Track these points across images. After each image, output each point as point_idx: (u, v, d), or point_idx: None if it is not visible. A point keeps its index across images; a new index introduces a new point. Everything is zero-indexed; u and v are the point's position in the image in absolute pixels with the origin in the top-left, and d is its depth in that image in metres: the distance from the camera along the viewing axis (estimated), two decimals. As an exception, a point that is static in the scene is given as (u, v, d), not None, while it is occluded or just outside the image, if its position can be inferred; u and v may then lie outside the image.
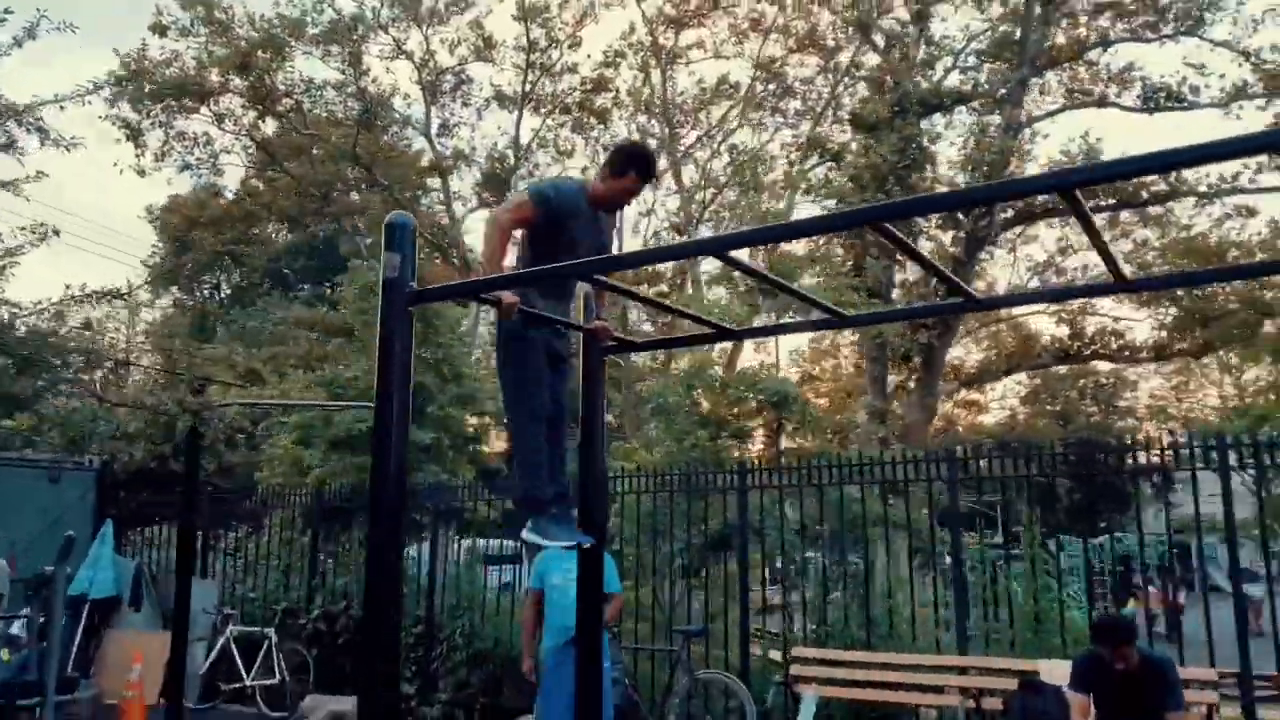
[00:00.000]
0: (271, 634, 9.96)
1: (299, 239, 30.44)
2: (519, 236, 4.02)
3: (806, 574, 8.94)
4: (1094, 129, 64.01)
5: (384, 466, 3.59)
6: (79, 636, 10.49)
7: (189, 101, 21.35)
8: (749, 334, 4.96)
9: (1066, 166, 13.87)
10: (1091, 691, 5.48)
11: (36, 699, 7.62)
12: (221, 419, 14.07)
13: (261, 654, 9.89)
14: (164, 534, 12.44)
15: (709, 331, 4.80)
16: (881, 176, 15.32)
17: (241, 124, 22.93)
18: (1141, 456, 6.94)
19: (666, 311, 5.39)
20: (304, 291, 31.39)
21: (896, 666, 7.06)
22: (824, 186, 18.09)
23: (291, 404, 11.99)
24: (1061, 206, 17.62)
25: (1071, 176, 2.92)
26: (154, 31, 20.26)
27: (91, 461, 12.11)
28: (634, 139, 20.18)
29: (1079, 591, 12.47)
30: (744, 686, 7.49)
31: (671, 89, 24.77)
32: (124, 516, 12.44)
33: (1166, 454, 6.71)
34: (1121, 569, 18.65)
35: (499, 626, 9.27)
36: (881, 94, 17.13)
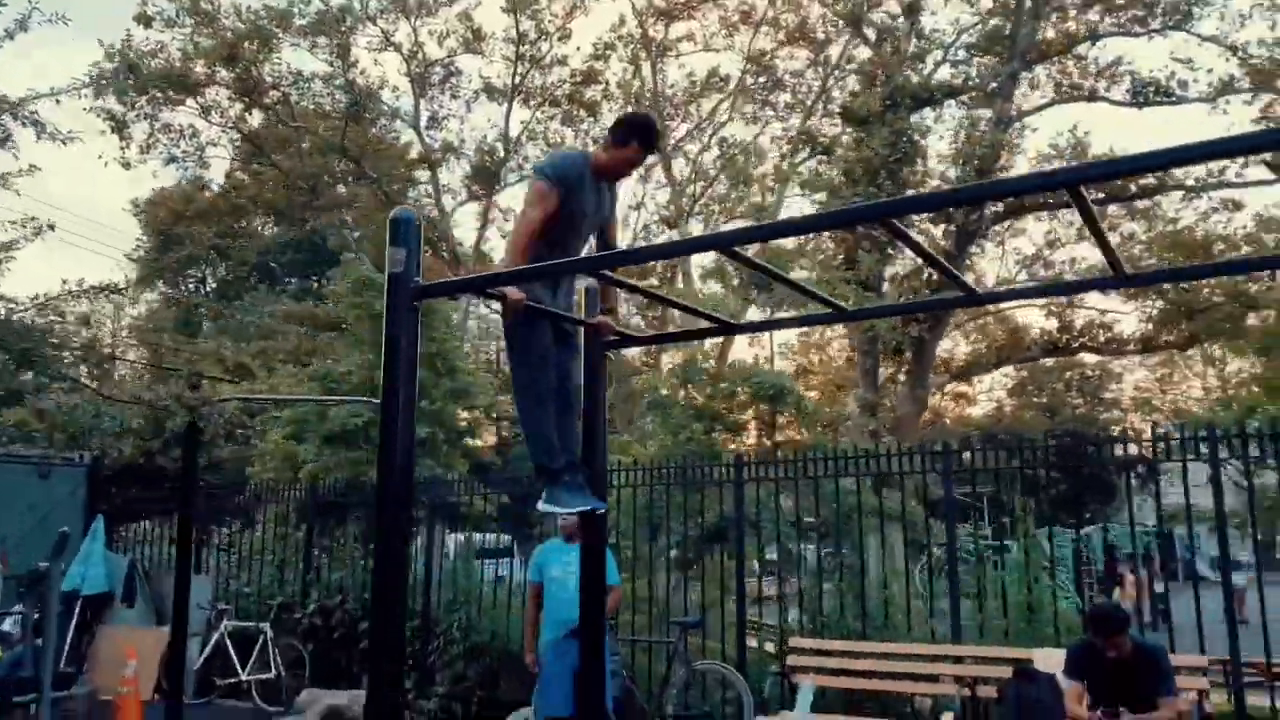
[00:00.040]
0: (267, 629, 9.95)
1: (286, 232, 30.27)
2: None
3: (802, 566, 8.99)
4: (1082, 122, 64.31)
5: (391, 460, 3.59)
6: (71, 633, 10.45)
7: (174, 93, 21.19)
8: (751, 328, 4.99)
9: (1073, 164, 13.98)
10: (1085, 679, 5.56)
11: (32, 695, 7.57)
12: (221, 414, 14.00)
13: (257, 649, 9.88)
14: (156, 530, 12.38)
15: (711, 326, 4.83)
16: (873, 170, 15.38)
17: (228, 116, 22.80)
18: (1134, 449, 7.03)
19: (672, 307, 5.43)
20: (291, 285, 31.26)
21: (892, 656, 7.12)
22: (815, 180, 18.15)
23: (290, 399, 11.92)
24: (1050, 200, 17.77)
25: (1080, 174, 2.97)
26: (139, 22, 20.12)
27: (82, 457, 12.04)
28: (639, 110, 20.03)
29: (1066, 581, 12.59)
30: (741, 677, 7.53)
31: (661, 81, 24.78)
32: (113, 512, 12.37)
33: (1159, 446, 6.79)
34: (1107, 559, 18.77)
35: (495, 620, 9.29)
36: (873, 88, 17.17)
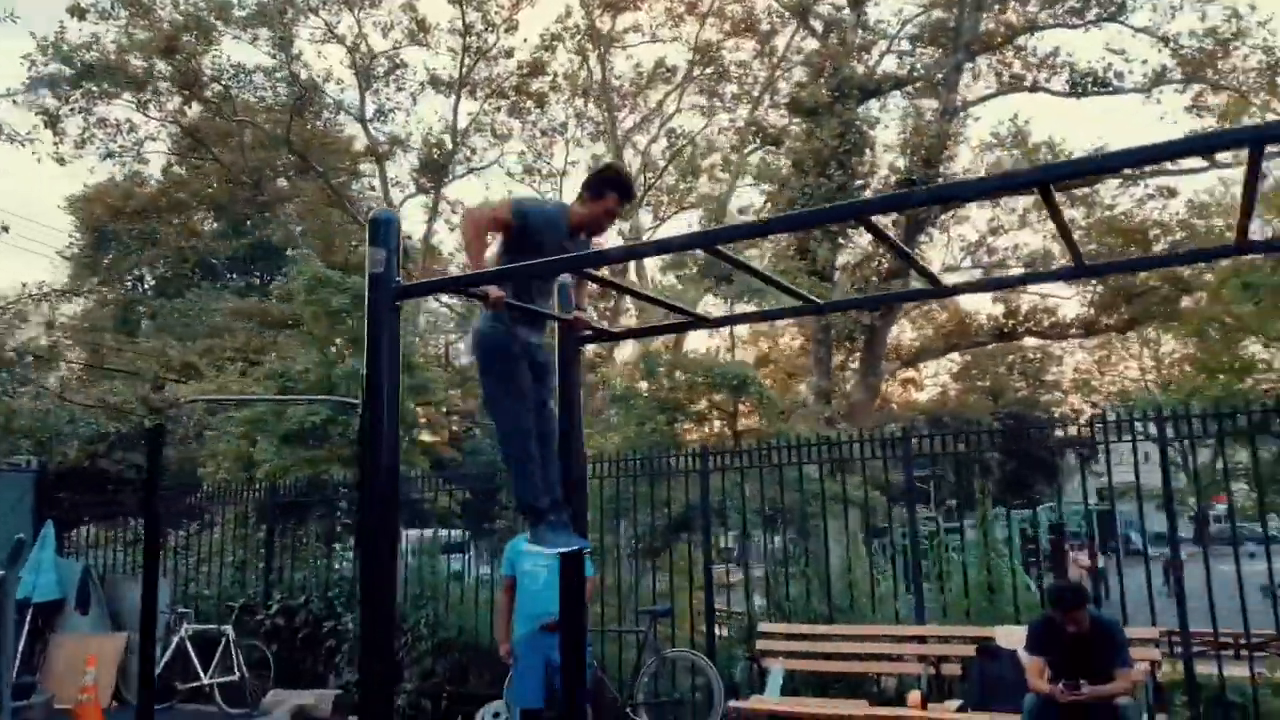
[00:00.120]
0: (229, 631, 9.83)
1: (228, 227, 29.63)
2: (496, 255, 3.98)
3: (767, 552, 9.15)
4: (1023, 111, 65.82)
5: (377, 459, 3.60)
6: (23, 641, 10.23)
7: (110, 87, 20.61)
8: (726, 321, 5.09)
9: (1042, 164, 14.26)
10: (1046, 654, 5.78)
11: (-9, 707, 7.44)
12: (190, 415, 13.72)
13: (219, 651, 9.75)
14: (107, 534, 12.13)
15: (684, 320, 4.93)
16: (823, 160, 15.59)
17: (166, 110, 22.25)
18: (1085, 430, 7.30)
19: (647, 301, 5.51)
20: (234, 281, 30.62)
21: (859, 638, 7.32)
22: (764, 170, 18.32)
23: (255, 399, 11.69)
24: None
25: (1050, 173, 3.11)
26: (72, 14, 19.51)
27: (29, 463, 11.74)
28: (610, 162, 20.00)
29: (1015, 561, 12.91)
30: (710, 663, 7.66)
31: (609, 72, 24.75)
32: (58, 517, 12.09)
33: (1110, 426, 7.05)
34: (1053, 538, 19.30)
35: (463, 615, 9.30)
36: (820, 79, 17.39)
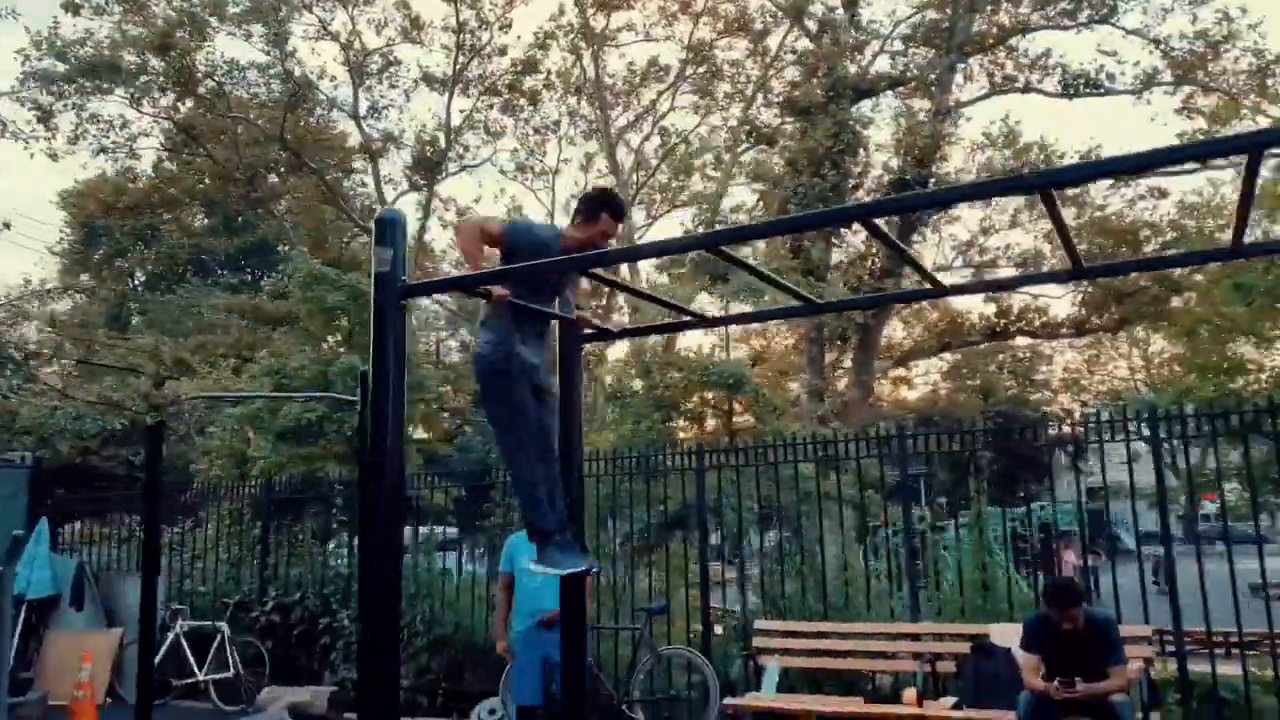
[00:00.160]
0: (224, 628, 9.83)
1: (218, 223, 29.53)
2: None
3: (761, 550, 9.20)
4: (1014, 111, 66.09)
5: (381, 459, 3.62)
6: (17, 638, 10.22)
7: (103, 83, 20.54)
8: (723, 321, 5.14)
9: (1046, 168, 14.33)
10: (1042, 651, 5.83)
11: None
12: (193, 412, 13.68)
13: (214, 648, 9.74)
14: (103, 531, 12.11)
15: (683, 319, 4.97)
16: (817, 160, 15.65)
17: (159, 106, 22.18)
18: (1080, 429, 7.37)
19: (650, 301, 5.57)
20: (224, 277, 30.54)
21: (854, 636, 7.37)
22: (758, 168, 18.38)
23: (261, 396, 11.63)
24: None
25: (1052, 177, 3.17)
26: (66, 10, 19.44)
27: (24, 459, 11.71)
28: (599, 185, 20.01)
29: (1005, 559, 13.01)
30: (706, 661, 7.70)
31: (602, 71, 24.76)
32: (52, 513, 12.06)
33: (1106, 426, 7.12)
34: (1043, 537, 19.43)
35: (459, 612, 9.33)
36: (814, 78, 17.44)
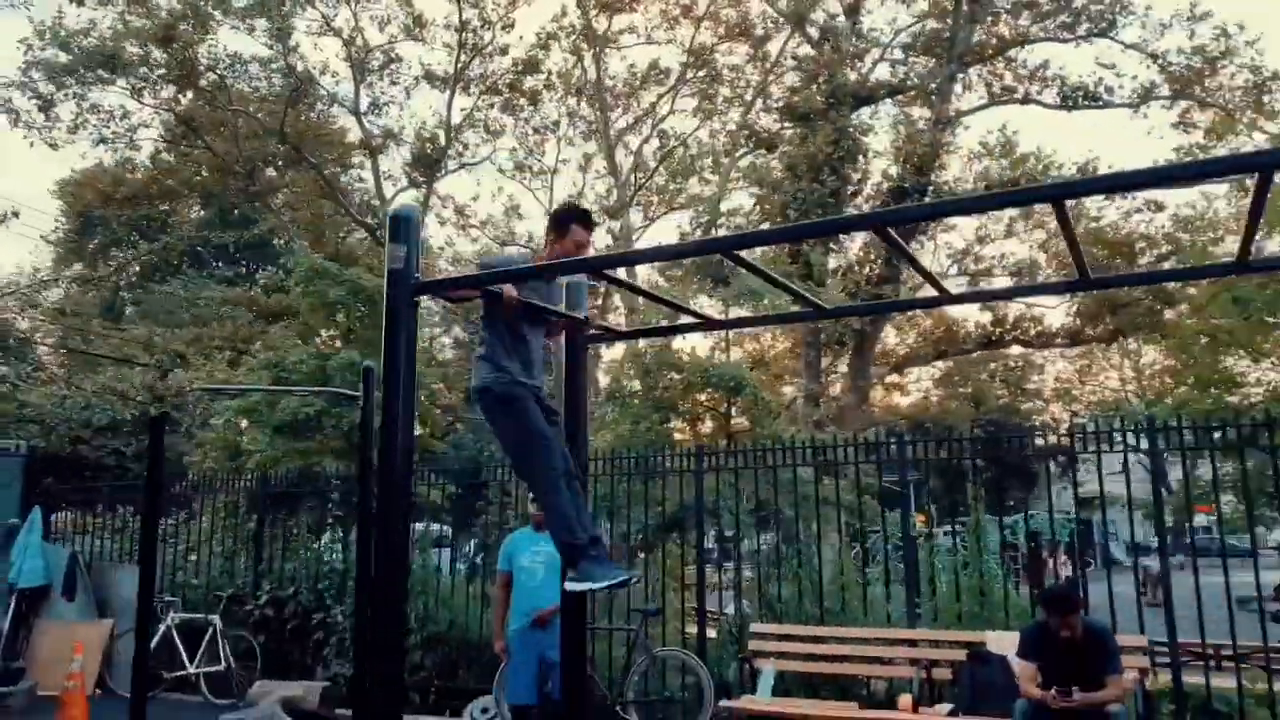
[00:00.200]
0: (216, 621, 9.80)
1: (214, 216, 29.45)
2: (479, 318, 4.21)
3: (756, 553, 9.23)
4: (1011, 121, 66.41)
5: (391, 456, 3.63)
6: (7, 626, 10.19)
7: (104, 73, 20.50)
8: (727, 324, 5.16)
9: (1060, 180, 14.45)
10: (1039, 659, 5.85)
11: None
12: (195, 403, 13.63)
13: (206, 641, 9.71)
14: (95, 521, 12.07)
15: (688, 321, 5.00)
16: (816, 166, 15.71)
17: (160, 98, 22.12)
18: (1079, 440, 7.41)
19: (656, 302, 5.60)
20: (219, 270, 30.45)
21: (851, 640, 7.39)
22: (758, 172, 18.43)
23: (264, 389, 11.58)
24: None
25: (1064, 189, 3.19)
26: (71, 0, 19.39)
27: (18, 447, 11.67)
28: (564, 201, 20.05)
29: (996, 567, 13.07)
30: (701, 663, 7.71)
31: (603, 72, 24.78)
32: (45, 502, 12.01)
33: (1101, 437, 7.17)
34: (1031, 546, 19.51)
35: (453, 609, 9.33)
36: (814, 85, 17.51)
